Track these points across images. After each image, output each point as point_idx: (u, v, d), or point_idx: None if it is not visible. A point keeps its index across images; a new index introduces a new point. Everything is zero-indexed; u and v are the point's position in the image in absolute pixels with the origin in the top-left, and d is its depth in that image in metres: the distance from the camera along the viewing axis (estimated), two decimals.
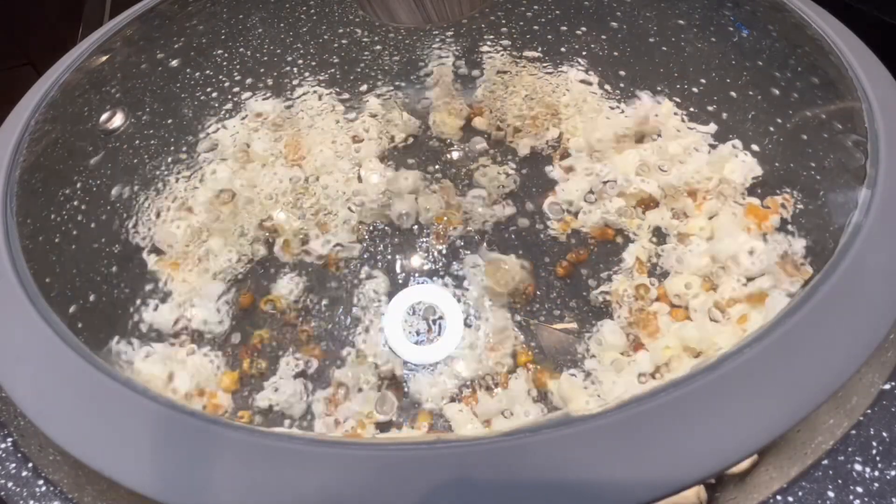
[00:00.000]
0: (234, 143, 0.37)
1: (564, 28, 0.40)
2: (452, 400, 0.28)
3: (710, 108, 0.36)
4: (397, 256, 0.33)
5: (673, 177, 0.34)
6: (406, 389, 0.29)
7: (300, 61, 0.40)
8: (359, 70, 0.39)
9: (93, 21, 0.65)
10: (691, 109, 0.36)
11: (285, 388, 0.29)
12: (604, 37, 0.40)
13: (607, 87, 0.38)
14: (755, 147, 0.34)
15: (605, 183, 0.34)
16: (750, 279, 0.30)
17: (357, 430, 0.28)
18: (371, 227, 0.34)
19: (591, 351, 0.29)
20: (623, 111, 0.37)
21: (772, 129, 0.34)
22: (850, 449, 0.25)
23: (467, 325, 0.30)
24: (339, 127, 0.38)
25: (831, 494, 0.24)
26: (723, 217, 0.33)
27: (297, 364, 0.30)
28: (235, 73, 0.40)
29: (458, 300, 0.30)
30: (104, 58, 0.39)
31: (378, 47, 0.40)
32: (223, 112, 0.38)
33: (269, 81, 0.40)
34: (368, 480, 0.20)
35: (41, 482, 0.26)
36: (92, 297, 0.30)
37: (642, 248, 0.33)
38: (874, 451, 0.24)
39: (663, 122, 0.36)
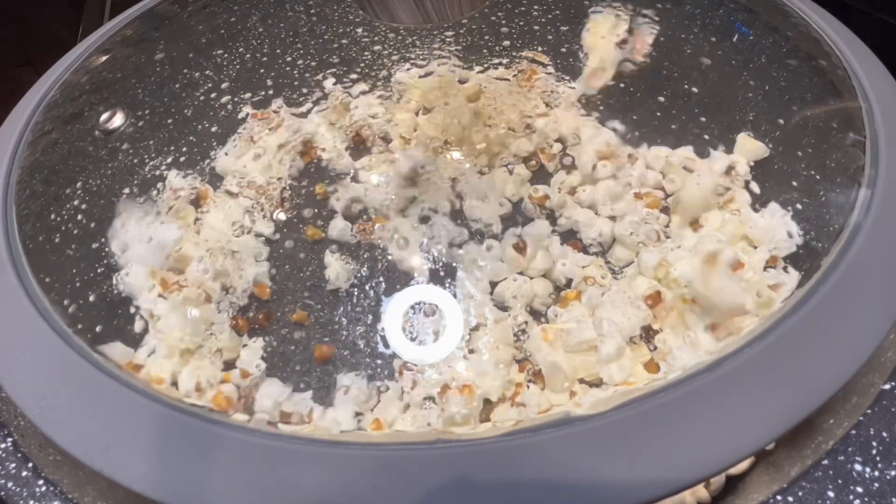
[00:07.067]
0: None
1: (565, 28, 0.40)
2: None
3: (713, 108, 0.36)
4: None
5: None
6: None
7: (300, 61, 0.40)
8: (359, 70, 0.39)
9: (93, 21, 0.65)
10: (695, 111, 0.36)
11: None
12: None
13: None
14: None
15: None
16: None
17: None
18: None
19: None
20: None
21: (772, 128, 0.34)
22: (850, 449, 0.25)
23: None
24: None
25: (831, 494, 0.24)
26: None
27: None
28: (235, 74, 0.40)
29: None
30: (104, 58, 0.39)
31: (378, 47, 0.40)
32: (223, 113, 0.38)
33: (269, 82, 0.40)
34: (368, 480, 0.20)
35: (41, 482, 0.26)
36: (92, 297, 0.30)
37: None
38: (874, 451, 0.24)
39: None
